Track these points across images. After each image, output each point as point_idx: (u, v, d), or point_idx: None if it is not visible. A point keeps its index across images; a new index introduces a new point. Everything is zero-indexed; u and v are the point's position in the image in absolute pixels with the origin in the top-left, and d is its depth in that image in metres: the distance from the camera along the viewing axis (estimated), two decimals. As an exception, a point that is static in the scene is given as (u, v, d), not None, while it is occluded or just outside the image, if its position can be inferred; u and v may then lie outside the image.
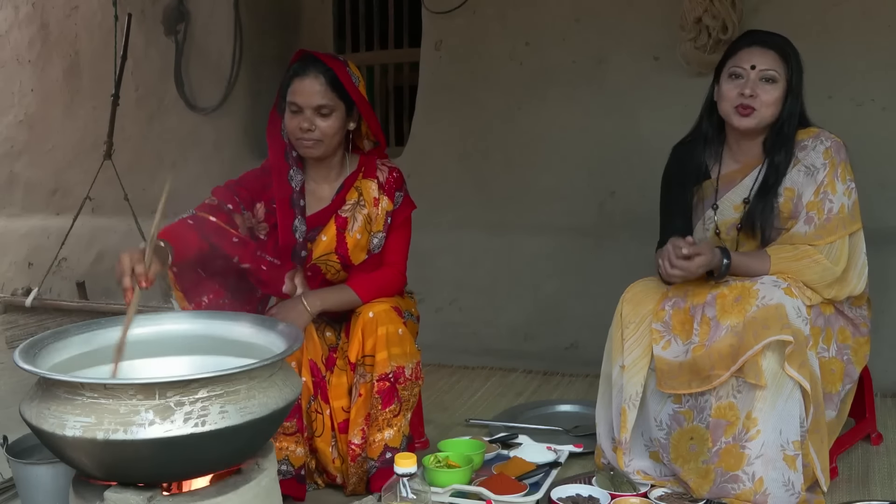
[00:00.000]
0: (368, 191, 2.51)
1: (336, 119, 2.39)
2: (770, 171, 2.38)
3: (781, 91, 2.34)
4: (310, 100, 2.35)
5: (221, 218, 2.33)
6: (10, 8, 5.80)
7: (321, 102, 2.36)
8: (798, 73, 2.36)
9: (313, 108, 2.36)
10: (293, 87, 2.38)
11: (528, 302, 4.11)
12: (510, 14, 4.24)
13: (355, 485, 2.42)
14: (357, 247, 2.50)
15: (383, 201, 2.50)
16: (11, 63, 5.83)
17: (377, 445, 2.36)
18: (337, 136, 2.42)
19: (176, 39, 5.14)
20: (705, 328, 2.27)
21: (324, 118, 2.37)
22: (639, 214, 3.62)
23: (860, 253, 2.40)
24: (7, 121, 5.89)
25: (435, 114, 4.49)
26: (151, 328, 2.01)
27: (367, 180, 2.51)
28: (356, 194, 2.51)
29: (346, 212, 2.50)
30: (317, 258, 2.49)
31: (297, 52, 2.47)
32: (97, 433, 1.54)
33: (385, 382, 2.35)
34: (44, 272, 5.11)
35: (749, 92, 2.33)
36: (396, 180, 2.53)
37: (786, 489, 2.16)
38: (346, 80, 2.39)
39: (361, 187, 2.51)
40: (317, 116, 2.36)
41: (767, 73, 2.33)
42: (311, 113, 2.36)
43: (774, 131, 2.38)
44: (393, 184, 2.52)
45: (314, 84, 2.36)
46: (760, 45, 2.36)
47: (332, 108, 2.38)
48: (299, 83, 2.37)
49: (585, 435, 2.74)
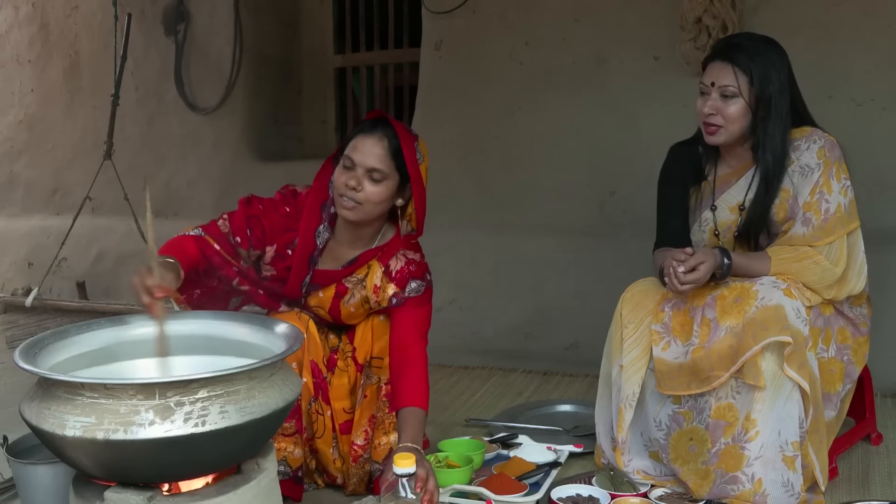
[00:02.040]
0: (373, 276, 2.39)
1: (385, 188, 2.28)
2: (761, 184, 2.37)
3: (742, 105, 2.31)
4: (365, 160, 2.25)
5: (226, 249, 2.29)
6: (10, 8, 5.80)
7: (375, 166, 2.25)
8: (765, 82, 2.30)
9: (366, 168, 2.25)
10: (355, 142, 2.28)
11: (528, 302, 4.11)
12: (510, 14, 4.24)
13: (356, 485, 2.42)
14: (350, 316, 2.45)
15: (388, 289, 2.37)
16: (11, 63, 5.83)
17: (382, 448, 2.35)
18: (380, 207, 2.30)
19: (176, 39, 5.14)
20: (705, 330, 2.27)
21: (374, 183, 2.26)
22: (639, 214, 3.62)
23: (859, 252, 2.39)
24: (7, 121, 5.89)
25: (435, 114, 4.49)
26: (151, 328, 2.01)
27: (378, 263, 2.39)
28: (365, 271, 2.40)
29: (349, 283, 2.42)
30: (310, 305, 2.46)
31: (374, 111, 2.38)
32: (97, 433, 1.54)
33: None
34: (44, 272, 5.11)
35: (707, 111, 2.34)
36: (413, 272, 2.37)
37: (785, 490, 2.16)
38: (408, 153, 2.28)
39: (371, 267, 2.40)
40: (367, 179, 2.25)
41: (726, 89, 2.31)
42: (363, 174, 2.25)
43: (757, 140, 2.36)
44: (406, 274, 2.37)
45: (375, 146, 2.26)
46: (721, 58, 2.34)
47: (385, 176, 2.26)
48: (361, 140, 2.27)
49: (585, 435, 2.74)
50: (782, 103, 2.33)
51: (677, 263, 2.23)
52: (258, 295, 2.38)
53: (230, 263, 2.30)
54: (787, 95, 2.34)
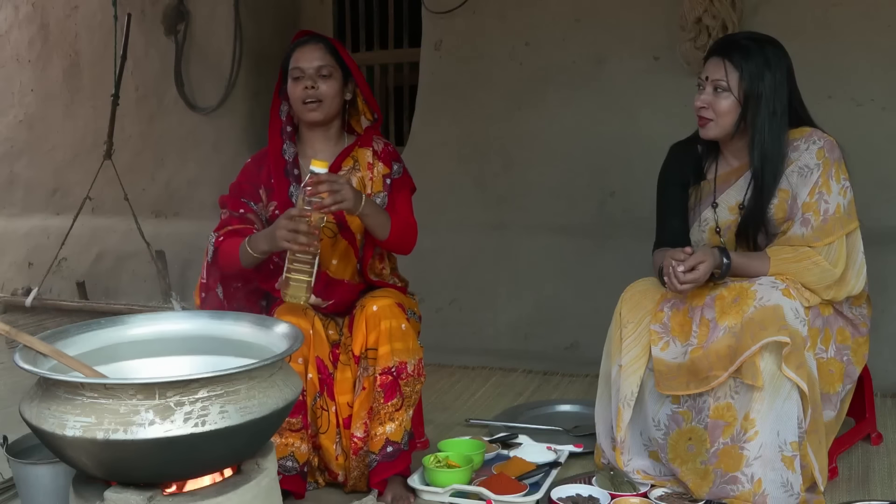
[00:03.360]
0: (363, 157, 2.59)
1: (336, 82, 2.51)
2: (757, 184, 2.37)
3: (731, 100, 2.32)
4: (311, 62, 2.49)
5: (248, 229, 2.43)
6: (10, 8, 5.80)
7: (321, 63, 2.49)
8: (755, 79, 2.30)
9: (315, 69, 2.48)
10: (295, 55, 2.52)
11: (528, 302, 4.11)
12: (510, 14, 4.24)
13: (356, 480, 2.42)
14: None
15: (378, 166, 2.59)
16: (11, 63, 5.82)
17: (378, 439, 2.36)
18: (336, 100, 2.53)
19: (176, 39, 5.14)
20: (704, 330, 2.27)
21: (325, 79, 2.49)
22: (639, 214, 3.62)
23: (858, 252, 2.39)
24: (7, 121, 5.88)
25: (435, 114, 4.49)
26: (151, 328, 2.01)
27: (363, 149, 2.60)
28: (351, 162, 2.59)
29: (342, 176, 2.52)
30: None
31: (301, 31, 2.65)
32: (97, 433, 1.54)
33: (387, 376, 2.36)
34: (44, 272, 5.11)
35: (700, 104, 2.36)
36: (392, 153, 2.62)
37: (784, 490, 2.16)
38: (342, 50, 2.55)
39: (357, 155, 2.60)
40: (318, 78, 2.48)
41: (718, 83, 2.33)
42: (314, 74, 2.48)
43: (750, 138, 2.36)
44: (389, 154, 2.61)
45: (314, 49, 2.51)
46: (716, 54, 2.36)
47: (332, 70, 2.50)
48: (300, 51, 2.52)
49: (585, 435, 2.74)
50: (776, 102, 2.32)
51: (677, 263, 2.23)
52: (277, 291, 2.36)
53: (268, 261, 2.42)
54: (784, 95, 2.33)
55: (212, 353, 1.97)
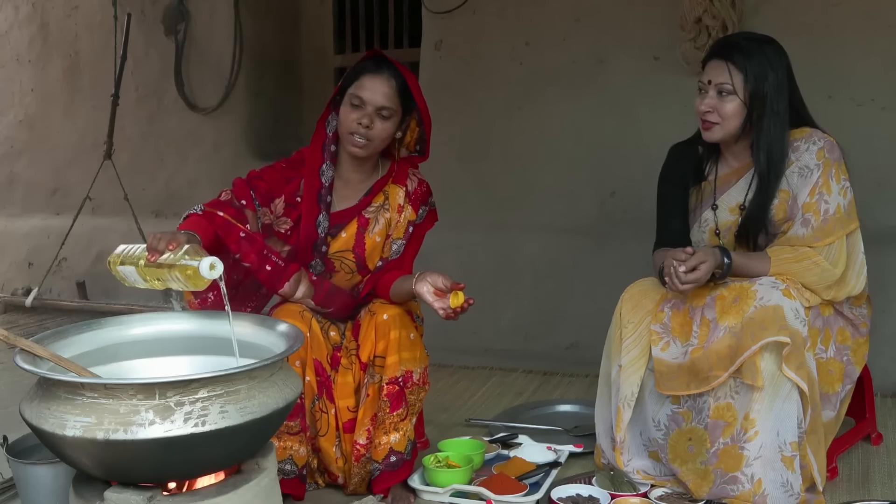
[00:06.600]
0: (395, 197, 2.51)
1: (392, 125, 2.40)
2: (760, 184, 2.37)
3: (738, 103, 2.32)
4: (375, 98, 2.35)
5: (230, 213, 2.30)
6: (10, 8, 5.80)
7: (386, 104, 2.36)
8: (760, 80, 2.30)
9: (377, 107, 2.35)
10: (362, 81, 2.37)
11: (528, 302, 4.11)
12: (510, 14, 4.24)
13: (357, 485, 2.42)
14: (374, 249, 2.50)
15: (407, 210, 2.51)
16: (11, 63, 5.82)
17: (382, 448, 2.36)
18: (386, 142, 2.43)
19: (176, 39, 5.13)
20: (704, 330, 2.27)
21: (383, 120, 2.37)
22: (639, 214, 3.61)
23: (858, 252, 2.39)
24: (7, 121, 5.88)
25: (435, 114, 4.42)
26: (151, 328, 2.01)
27: (396, 186, 2.51)
28: (382, 198, 2.51)
29: (370, 213, 2.50)
30: (332, 253, 2.49)
31: (371, 50, 2.50)
32: (97, 433, 1.54)
33: (394, 386, 2.35)
34: (44, 272, 5.11)
35: (705, 108, 2.35)
36: (424, 193, 2.53)
37: (784, 490, 2.16)
38: (414, 88, 2.41)
39: (389, 192, 2.51)
40: (377, 117, 2.36)
41: (722, 86, 2.32)
42: (373, 112, 2.35)
43: (754, 139, 2.36)
44: (420, 196, 2.52)
45: (384, 85, 2.36)
46: (718, 56, 2.35)
47: (393, 113, 2.38)
48: (370, 80, 2.36)
49: (585, 435, 2.74)
50: (779, 102, 2.32)
51: (678, 263, 2.23)
52: (263, 270, 2.30)
53: (236, 229, 2.27)
54: (785, 95, 2.33)
55: (212, 353, 1.97)
